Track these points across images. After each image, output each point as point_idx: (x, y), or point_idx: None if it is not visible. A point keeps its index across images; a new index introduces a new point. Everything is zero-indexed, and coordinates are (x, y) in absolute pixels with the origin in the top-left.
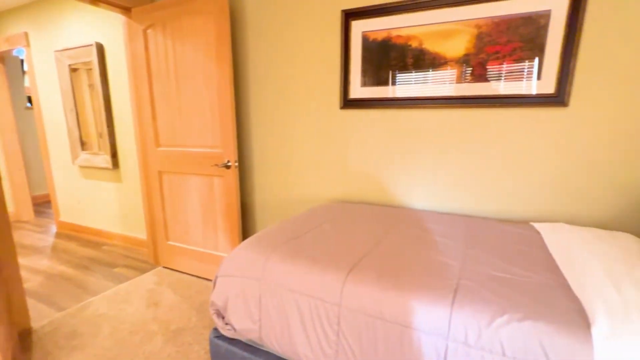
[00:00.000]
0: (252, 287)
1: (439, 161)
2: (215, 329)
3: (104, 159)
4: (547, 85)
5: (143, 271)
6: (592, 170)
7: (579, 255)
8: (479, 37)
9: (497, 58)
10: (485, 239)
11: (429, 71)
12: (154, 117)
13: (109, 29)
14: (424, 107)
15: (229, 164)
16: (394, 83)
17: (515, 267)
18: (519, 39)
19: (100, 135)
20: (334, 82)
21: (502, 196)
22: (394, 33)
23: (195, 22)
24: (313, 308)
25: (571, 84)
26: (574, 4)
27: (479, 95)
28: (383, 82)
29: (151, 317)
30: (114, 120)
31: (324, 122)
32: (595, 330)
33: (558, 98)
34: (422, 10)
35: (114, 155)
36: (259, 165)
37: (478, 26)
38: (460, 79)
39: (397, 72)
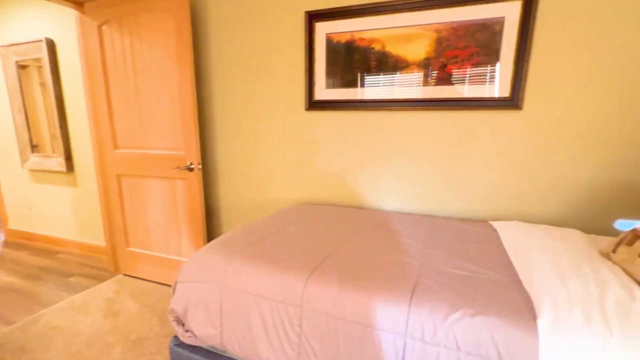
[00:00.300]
0: (213, 292)
1: (406, 163)
2: (176, 337)
3: (58, 162)
4: (504, 89)
5: (101, 280)
6: (543, 170)
7: (531, 251)
8: (439, 41)
9: (456, 62)
10: (446, 238)
11: (395, 74)
12: (111, 118)
13: (61, 24)
14: (391, 109)
15: (192, 166)
16: (362, 85)
17: (471, 264)
18: (476, 44)
19: (53, 137)
20: (299, 83)
21: (464, 196)
22: (357, 36)
23: (154, 19)
24: (275, 310)
25: (524, 88)
26: (526, 11)
27: (443, 98)
28: (350, 84)
29: (109, 328)
30: (67, 121)
31: (289, 123)
32: (540, 323)
33: (513, 101)
34: (383, 14)
35: (69, 157)
36: (224, 168)
37: (437, 31)
38: (426, 82)
39: (365, 75)
